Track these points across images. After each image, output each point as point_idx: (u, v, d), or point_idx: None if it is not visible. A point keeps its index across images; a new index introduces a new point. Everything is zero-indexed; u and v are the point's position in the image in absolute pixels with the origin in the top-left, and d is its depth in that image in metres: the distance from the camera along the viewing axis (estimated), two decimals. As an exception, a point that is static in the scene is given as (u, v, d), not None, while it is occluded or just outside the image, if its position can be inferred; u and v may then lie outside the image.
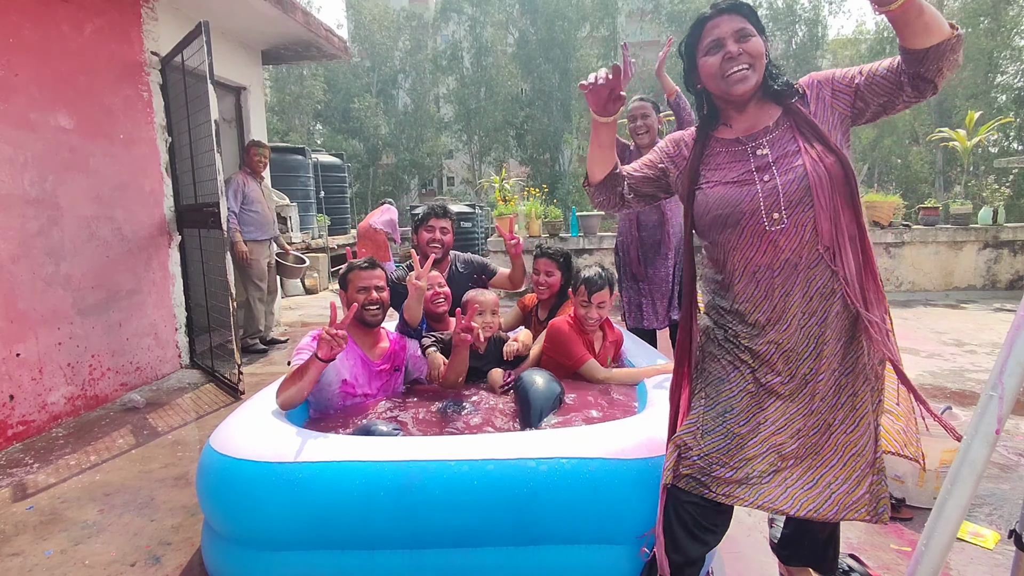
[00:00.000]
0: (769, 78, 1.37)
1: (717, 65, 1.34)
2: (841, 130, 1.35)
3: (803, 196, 1.29)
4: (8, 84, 3.06)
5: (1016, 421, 2.97)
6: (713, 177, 1.40)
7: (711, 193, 1.38)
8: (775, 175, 1.32)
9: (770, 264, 1.32)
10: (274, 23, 4.97)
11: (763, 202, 1.31)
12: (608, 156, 1.51)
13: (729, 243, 1.37)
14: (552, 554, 1.59)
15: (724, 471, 1.33)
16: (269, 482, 1.54)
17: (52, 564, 1.98)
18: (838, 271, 1.28)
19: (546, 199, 7.78)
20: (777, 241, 1.30)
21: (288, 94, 20.21)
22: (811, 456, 1.33)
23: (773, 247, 1.31)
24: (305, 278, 7.86)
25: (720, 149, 1.42)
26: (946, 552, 0.97)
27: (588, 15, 20.78)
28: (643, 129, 3.20)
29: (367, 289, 2.25)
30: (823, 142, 1.31)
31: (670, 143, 1.55)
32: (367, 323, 2.25)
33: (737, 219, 1.33)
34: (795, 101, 1.36)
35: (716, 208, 1.36)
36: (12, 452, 2.93)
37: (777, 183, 1.31)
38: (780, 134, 1.36)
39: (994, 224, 6.61)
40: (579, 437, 1.64)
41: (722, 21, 1.34)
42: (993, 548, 1.93)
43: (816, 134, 1.33)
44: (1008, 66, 16.88)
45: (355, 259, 2.38)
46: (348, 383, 2.18)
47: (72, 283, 3.43)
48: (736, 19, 1.34)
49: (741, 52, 1.32)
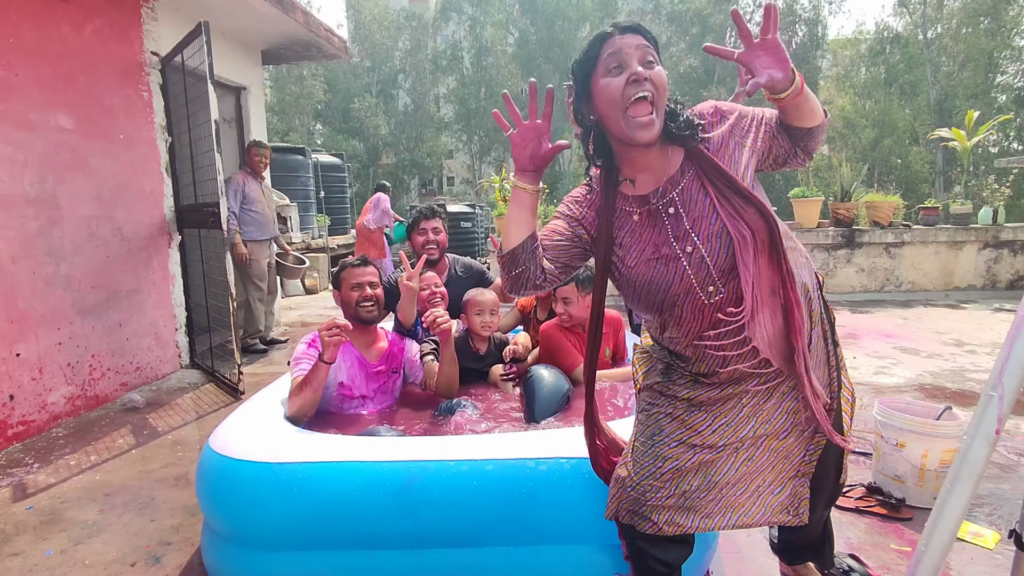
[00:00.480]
0: (669, 118, 1.20)
1: (620, 87, 1.15)
2: (751, 168, 1.22)
3: (730, 265, 1.18)
4: (8, 84, 3.06)
5: (1016, 421, 2.97)
6: (632, 251, 1.26)
7: (635, 275, 1.25)
8: (697, 245, 1.19)
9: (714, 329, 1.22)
10: (274, 23, 4.97)
11: (694, 278, 1.20)
12: (529, 219, 1.27)
13: (669, 321, 1.26)
14: (552, 554, 1.59)
15: (659, 496, 1.28)
16: (268, 482, 1.54)
17: (52, 564, 1.98)
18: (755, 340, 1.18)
19: (546, 199, 7.77)
20: (722, 308, 1.20)
21: (288, 94, 20.23)
22: (744, 462, 1.29)
23: (715, 315, 1.21)
24: (305, 278, 7.87)
25: (629, 209, 1.27)
26: (946, 552, 0.97)
27: (588, 15, 20.82)
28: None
29: (360, 286, 2.23)
30: (736, 191, 1.18)
31: (573, 205, 1.34)
32: (364, 320, 2.25)
33: (672, 301, 1.22)
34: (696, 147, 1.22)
35: (646, 295, 1.25)
36: (12, 452, 2.93)
37: (703, 254, 1.19)
38: (687, 184, 1.22)
39: (994, 224, 6.61)
40: (579, 436, 1.64)
41: (626, 40, 1.16)
42: (993, 548, 1.93)
43: (727, 182, 1.19)
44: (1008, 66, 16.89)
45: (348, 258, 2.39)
46: (345, 385, 2.18)
47: (72, 283, 3.43)
48: (639, 40, 1.17)
49: (647, 77, 1.14)
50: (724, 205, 1.18)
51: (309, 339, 2.13)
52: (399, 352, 2.38)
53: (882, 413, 2.26)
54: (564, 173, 21.02)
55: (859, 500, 2.23)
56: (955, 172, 15.64)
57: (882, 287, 6.69)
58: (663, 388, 1.34)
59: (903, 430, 2.18)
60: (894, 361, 4.12)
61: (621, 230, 1.28)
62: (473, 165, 23.53)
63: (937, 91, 17.41)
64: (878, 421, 2.28)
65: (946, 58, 17.62)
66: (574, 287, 2.33)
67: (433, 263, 2.83)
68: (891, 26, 19.06)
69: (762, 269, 1.18)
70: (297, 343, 2.20)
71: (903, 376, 3.79)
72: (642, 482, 1.30)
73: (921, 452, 2.15)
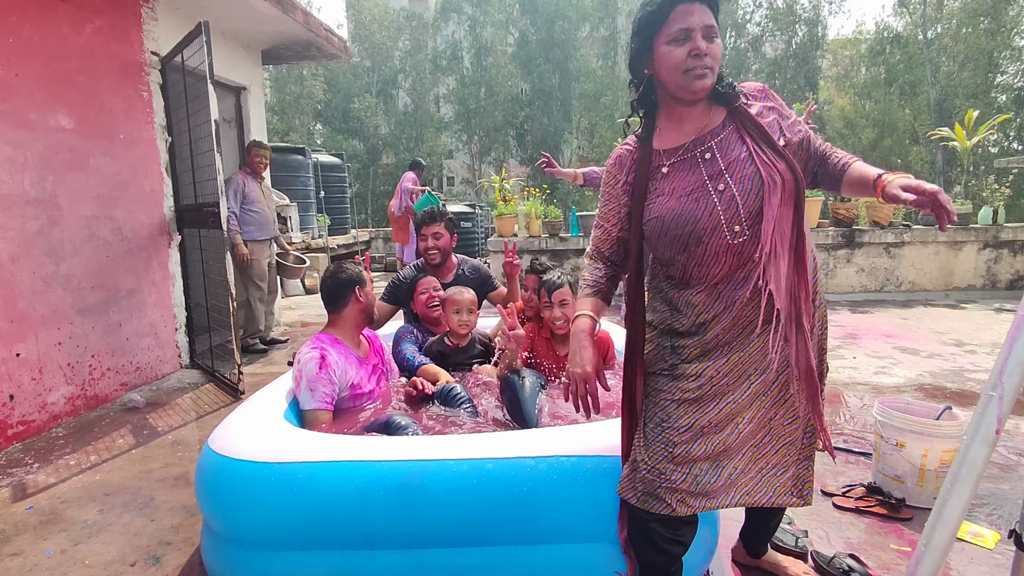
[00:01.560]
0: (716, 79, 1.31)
1: (682, 58, 1.25)
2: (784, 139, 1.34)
3: (757, 207, 1.26)
4: (8, 84, 3.06)
5: (1016, 421, 2.97)
6: (664, 189, 1.33)
7: (665, 210, 1.31)
8: (729, 184, 1.27)
9: (730, 275, 1.29)
10: (274, 23, 4.97)
11: (723, 215, 1.26)
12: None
13: (692, 261, 1.31)
14: (552, 552, 1.59)
15: (673, 479, 1.32)
16: (268, 482, 1.54)
17: (52, 564, 1.98)
18: (768, 280, 1.24)
19: (546, 199, 7.77)
20: (741, 252, 1.27)
21: (288, 94, 20.23)
22: (751, 447, 1.35)
23: (737, 259, 1.27)
24: (305, 278, 7.86)
25: (659, 163, 1.36)
26: (946, 552, 0.97)
27: (588, 15, 20.80)
28: None
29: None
30: (771, 146, 1.28)
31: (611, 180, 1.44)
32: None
33: (699, 236, 1.27)
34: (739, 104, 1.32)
35: (674, 228, 1.29)
36: (12, 452, 2.94)
37: (734, 193, 1.26)
38: (727, 135, 1.32)
39: (994, 224, 6.61)
40: (578, 435, 1.64)
41: (695, 10, 1.24)
42: (993, 548, 1.93)
43: (764, 136, 1.29)
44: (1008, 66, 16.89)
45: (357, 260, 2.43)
46: (356, 385, 2.20)
47: (72, 283, 3.43)
48: (707, 12, 1.25)
49: (707, 53, 1.24)
50: (759, 153, 1.28)
51: (319, 358, 2.07)
52: (379, 347, 2.46)
53: (882, 413, 2.26)
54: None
55: (859, 500, 2.23)
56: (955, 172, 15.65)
57: (882, 287, 6.69)
58: (672, 370, 1.36)
59: (903, 430, 2.18)
60: (894, 361, 4.12)
61: (654, 179, 1.36)
62: (473, 165, 23.52)
63: (937, 91, 17.41)
64: (878, 421, 2.28)
65: (946, 58, 17.61)
66: (568, 289, 2.32)
67: (435, 267, 2.85)
68: (891, 26, 19.06)
69: (783, 218, 1.26)
70: (298, 343, 2.20)
71: (903, 376, 3.79)
72: (657, 464, 1.33)
73: (921, 452, 2.15)
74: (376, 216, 20.95)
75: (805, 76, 18.87)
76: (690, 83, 1.26)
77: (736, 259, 1.27)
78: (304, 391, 2.04)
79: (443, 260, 2.87)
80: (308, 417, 2.03)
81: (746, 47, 19.74)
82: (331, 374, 2.07)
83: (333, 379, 2.08)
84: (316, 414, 2.03)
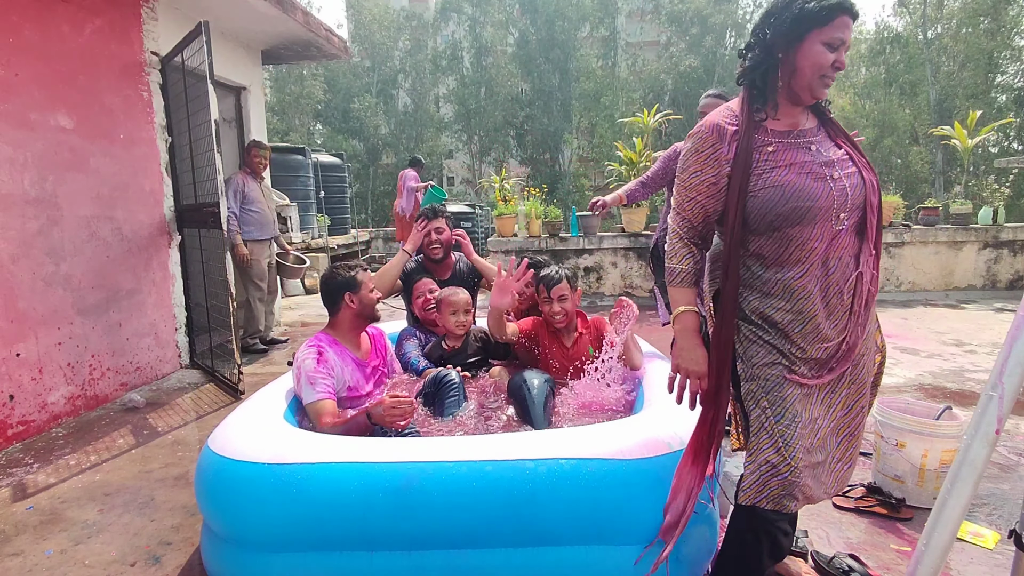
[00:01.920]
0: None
1: (827, 65, 1.32)
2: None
3: (860, 202, 1.36)
4: (8, 84, 3.06)
5: (1016, 421, 2.97)
6: (779, 161, 1.36)
7: (786, 181, 1.34)
8: (841, 176, 1.36)
9: (825, 262, 1.36)
10: (274, 23, 4.97)
11: (836, 202, 1.34)
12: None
13: (798, 237, 1.35)
14: (551, 555, 1.59)
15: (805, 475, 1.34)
16: (267, 483, 1.54)
17: (52, 564, 1.98)
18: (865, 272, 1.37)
19: (546, 199, 7.77)
20: (839, 240, 1.35)
21: (288, 94, 20.22)
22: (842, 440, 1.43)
23: (833, 246, 1.36)
24: (305, 278, 7.86)
25: (772, 140, 1.38)
26: (946, 552, 0.97)
27: (588, 15, 20.80)
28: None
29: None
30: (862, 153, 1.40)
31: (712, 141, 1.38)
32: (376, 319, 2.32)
33: (814, 215, 1.33)
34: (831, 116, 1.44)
35: (795, 200, 1.33)
36: (12, 452, 2.93)
37: (846, 185, 1.35)
38: (822, 137, 1.41)
39: (994, 224, 6.61)
40: (578, 437, 1.64)
41: (850, 26, 1.32)
42: (993, 548, 1.93)
43: (854, 145, 1.40)
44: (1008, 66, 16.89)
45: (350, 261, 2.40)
46: (352, 388, 2.20)
47: (72, 283, 3.43)
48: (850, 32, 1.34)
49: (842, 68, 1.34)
50: (857, 157, 1.39)
51: (316, 353, 2.09)
52: (383, 347, 2.46)
53: (882, 413, 2.26)
54: (564, 173, 21.02)
55: (859, 500, 2.23)
56: (955, 172, 15.65)
57: (882, 287, 6.69)
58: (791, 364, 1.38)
59: (903, 430, 2.18)
60: (894, 361, 4.12)
61: (760, 155, 1.38)
62: (473, 165, 23.52)
63: (937, 91, 17.41)
64: (878, 421, 2.28)
65: (946, 58, 17.62)
66: (567, 284, 2.32)
67: (437, 262, 2.88)
68: (891, 26, 19.08)
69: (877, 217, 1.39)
70: (298, 343, 2.20)
71: (903, 376, 3.79)
72: (798, 465, 1.33)
73: (921, 452, 2.15)
74: (376, 216, 20.96)
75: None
76: (818, 89, 1.34)
77: (830, 244, 1.35)
78: (304, 386, 2.05)
79: (445, 255, 2.92)
80: (313, 410, 2.02)
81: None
82: (329, 368, 2.09)
83: (331, 372, 2.10)
84: (320, 405, 2.02)
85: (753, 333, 1.41)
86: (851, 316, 1.38)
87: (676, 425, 1.67)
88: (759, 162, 1.37)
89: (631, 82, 20.55)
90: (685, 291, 1.45)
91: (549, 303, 2.36)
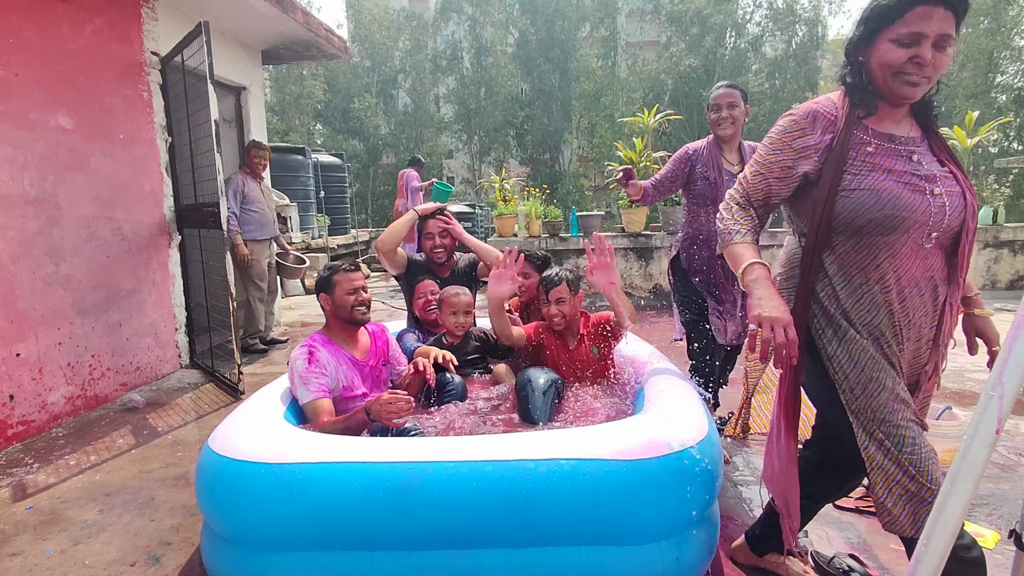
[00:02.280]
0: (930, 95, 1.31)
1: (901, 62, 1.22)
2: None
3: (957, 224, 1.28)
4: (8, 84, 3.06)
5: (1016, 421, 2.97)
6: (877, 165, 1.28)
7: (883, 187, 1.27)
8: (942, 192, 1.27)
9: (917, 281, 1.30)
10: (274, 23, 4.97)
11: (932, 218, 1.26)
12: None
13: (887, 248, 1.28)
14: (552, 555, 1.59)
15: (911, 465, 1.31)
16: (267, 483, 1.54)
17: (52, 564, 1.98)
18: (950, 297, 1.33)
19: (546, 199, 7.77)
20: (927, 259, 1.29)
21: (288, 94, 20.20)
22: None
23: (922, 265, 1.29)
24: (305, 278, 7.86)
25: (866, 138, 1.31)
26: (946, 552, 0.97)
27: (588, 15, 20.78)
28: (728, 121, 2.62)
29: (356, 291, 2.19)
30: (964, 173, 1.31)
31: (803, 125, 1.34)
32: (358, 322, 2.24)
33: (908, 227, 1.26)
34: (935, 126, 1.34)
35: (890, 207, 1.25)
36: (12, 452, 2.93)
37: (945, 204, 1.26)
38: (925, 149, 1.32)
39: (994, 224, 6.61)
40: (578, 438, 1.63)
41: (935, 15, 1.18)
42: (993, 548, 1.93)
43: (957, 163, 1.30)
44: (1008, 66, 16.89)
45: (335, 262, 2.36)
46: (346, 388, 2.19)
47: (72, 283, 3.43)
48: (948, 20, 1.19)
49: (930, 64, 1.21)
50: (961, 178, 1.30)
51: (307, 353, 2.09)
52: (384, 345, 2.42)
53: (882, 413, 2.26)
54: (564, 173, 21.01)
55: (859, 500, 2.22)
56: (955, 172, 15.61)
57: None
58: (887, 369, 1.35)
59: (903, 430, 2.18)
60: (894, 361, 4.11)
61: (857, 153, 1.31)
62: (473, 165, 23.51)
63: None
64: (878, 421, 2.28)
65: (946, 58, 17.61)
66: (566, 287, 2.32)
67: (439, 265, 2.90)
68: (891, 26, 19.04)
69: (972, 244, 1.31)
70: (298, 343, 2.20)
71: (903, 376, 3.79)
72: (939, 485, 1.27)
73: (921, 452, 2.14)
74: (376, 216, 20.95)
75: (805, 76, 18.86)
76: (898, 87, 1.25)
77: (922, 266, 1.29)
78: (299, 387, 2.05)
79: (448, 258, 2.92)
80: (309, 409, 2.03)
81: (746, 47, 19.74)
82: (321, 368, 2.09)
83: (324, 371, 2.10)
84: (316, 404, 2.02)
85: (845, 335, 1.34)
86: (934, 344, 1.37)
87: (676, 425, 1.67)
88: (856, 160, 1.30)
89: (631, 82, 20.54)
90: (747, 247, 1.39)
91: (548, 305, 2.37)
